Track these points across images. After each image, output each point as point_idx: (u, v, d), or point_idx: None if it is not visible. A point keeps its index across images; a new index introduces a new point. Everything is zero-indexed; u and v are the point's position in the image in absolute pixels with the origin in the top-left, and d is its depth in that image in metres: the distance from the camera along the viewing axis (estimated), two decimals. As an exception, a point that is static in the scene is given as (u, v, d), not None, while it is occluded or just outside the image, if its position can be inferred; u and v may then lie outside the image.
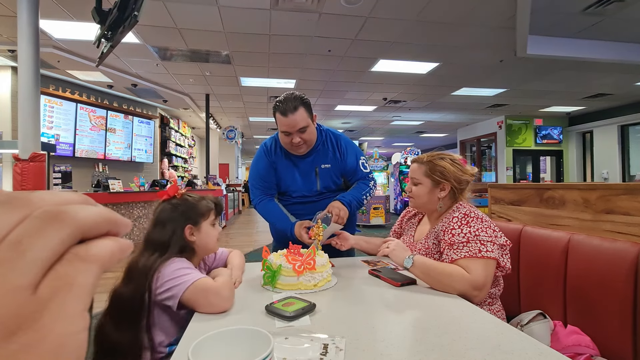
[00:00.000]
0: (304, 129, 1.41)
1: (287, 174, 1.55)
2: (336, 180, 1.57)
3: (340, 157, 1.55)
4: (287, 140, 1.45)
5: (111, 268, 0.18)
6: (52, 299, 0.15)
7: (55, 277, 0.15)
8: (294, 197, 1.57)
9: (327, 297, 1.00)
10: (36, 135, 2.52)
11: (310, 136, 1.46)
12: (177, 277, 0.92)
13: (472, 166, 1.29)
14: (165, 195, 1.07)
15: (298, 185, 1.54)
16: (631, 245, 0.99)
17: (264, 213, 1.56)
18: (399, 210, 9.98)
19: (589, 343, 1.00)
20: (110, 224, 0.18)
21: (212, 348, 0.51)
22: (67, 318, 0.15)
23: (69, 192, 0.19)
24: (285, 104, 1.38)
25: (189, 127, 10.60)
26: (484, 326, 0.79)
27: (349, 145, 1.59)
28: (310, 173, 1.54)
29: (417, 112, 8.41)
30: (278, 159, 1.55)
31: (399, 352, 0.68)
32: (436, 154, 1.30)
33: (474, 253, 1.04)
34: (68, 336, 0.15)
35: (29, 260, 0.14)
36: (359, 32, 4.02)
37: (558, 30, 3.96)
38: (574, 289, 1.13)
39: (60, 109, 5.80)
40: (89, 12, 2.25)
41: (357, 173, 1.57)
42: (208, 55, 4.77)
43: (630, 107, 7.61)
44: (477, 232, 1.07)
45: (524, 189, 1.58)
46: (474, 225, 1.09)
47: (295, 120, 1.38)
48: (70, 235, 0.16)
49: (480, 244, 1.05)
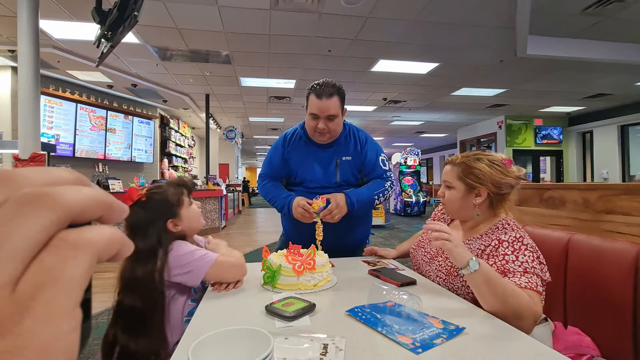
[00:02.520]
0: (332, 117, 1.40)
1: (305, 163, 1.52)
2: (356, 174, 1.55)
3: (361, 151, 1.53)
4: (313, 124, 1.43)
5: (105, 258, 0.15)
6: (35, 297, 0.13)
7: (39, 269, 0.13)
8: (311, 187, 1.52)
9: (327, 297, 1.00)
10: (36, 135, 2.53)
11: (336, 127, 1.45)
12: (195, 258, 1.00)
13: (518, 167, 1.09)
14: (129, 201, 1.01)
15: (317, 176, 1.52)
16: (631, 245, 0.99)
17: (265, 191, 1.56)
18: (399, 210, 9.98)
19: (590, 344, 1.00)
20: (105, 208, 0.16)
21: (212, 348, 0.51)
22: (53, 319, 0.13)
23: (60, 169, 0.16)
24: (322, 88, 1.38)
25: (189, 127, 10.60)
26: (484, 326, 0.79)
27: (370, 140, 1.58)
28: (330, 164, 1.51)
29: (417, 112, 8.41)
30: (295, 149, 1.54)
31: (399, 352, 0.68)
32: (472, 153, 1.12)
33: (533, 286, 0.90)
34: (55, 339, 0.13)
35: (5, 253, 0.12)
36: (359, 32, 4.02)
37: (558, 30, 3.96)
38: (574, 289, 1.13)
39: (60, 109, 5.80)
40: (89, 12, 2.25)
41: (375, 169, 1.54)
42: (208, 56, 4.77)
43: (630, 107, 7.61)
44: (534, 265, 0.95)
45: (524, 189, 1.58)
46: (528, 255, 0.96)
47: (327, 105, 1.37)
48: (55, 222, 0.14)
49: (537, 278, 0.93)
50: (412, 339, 0.71)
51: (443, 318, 0.82)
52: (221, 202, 6.88)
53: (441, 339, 0.72)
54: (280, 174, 1.58)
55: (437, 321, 0.80)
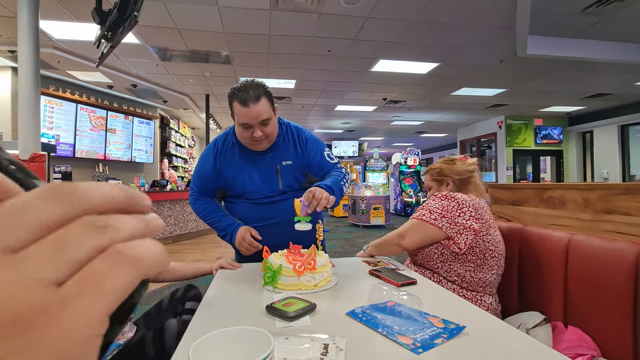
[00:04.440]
0: (266, 122, 1.26)
1: (242, 174, 1.38)
2: (299, 177, 1.43)
3: (302, 152, 1.41)
4: (246, 134, 1.28)
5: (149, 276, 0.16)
6: (77, 297, 0.13)
7: (89, 273, 0.14)
8: (252, 198, 1.39)
9: (328, 297, 1.00)
10: (36, 135, 2.53)
11: (273, 129, 1.31)
12: None
13: (473, 160, 1.44)
14: None
15: (257, 186, 1.38)
16: (631, 245, 0.99)
17: (201, 212, 1.41)
18: (399, 210, 9.98)
19: (591, 343, 1.00)
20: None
21: (212, 348, 0.51)
22: (88, 320, 0.13)
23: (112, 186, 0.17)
24: (245, 92, 1.22)
25: (189, 127, 10.60)
26: (484, 325, 0.79)
27: (310, 138, 1.45)
28: (270, 171, 1.38)
29: (417, 112, 8.41)
30: (228, 158, 1.39)
31: (400, 351, 0.68)
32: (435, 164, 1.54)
33: (417, 215, 1.30)
34: (85, 339, 0.13)
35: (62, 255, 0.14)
36: (359, 32, 4.03)
37: (558, 30, 3.96)
38: (574, 289, 1.13)
39: (60, 110, 5.80)
40: (89, 13, 2.25)
41: (323, 166, 1.43)
42: (208, 56, 4.77)
43: (630, 107, 7.61)
44: (434, 204, 1.27)
45: (524, 189, 1.58)
46: (438, 201, 1.28)
47: (257, 111, 1.23)
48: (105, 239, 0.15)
49: (426, 211, 1.27)
50: (413, 339, 0.71)
51: (441, 315, 0.82)
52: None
53: (442, 339, 0.72)
54: (210, 187, 1.42)
55: (438, 320, 0.80)
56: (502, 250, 1.27)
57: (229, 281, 1.16)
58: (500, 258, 1.26)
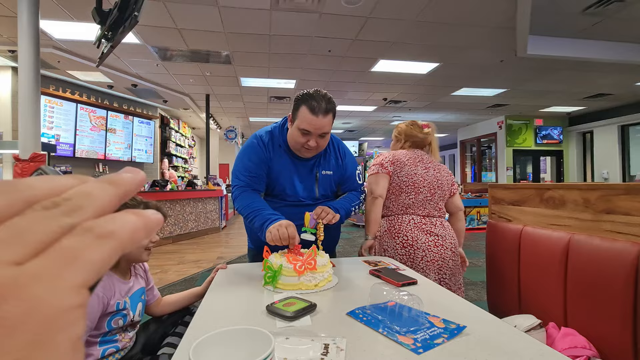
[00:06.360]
0: (324, 135, 1.30)
1: (285, 176, 1.40)
2: (334, 187, 1.49)
3: (342, 164, 1.48)
4: (302, 140, 1.30)
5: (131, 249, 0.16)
6: (48, 270, 0.13)
7: (57, 249, 0.14)
8: (289, 201, 1.43)
9: (328, 297, 1.00)
10: (36, 135, 2.52)
11: (325, 143, 1.35)
12: None
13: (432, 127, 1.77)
14: None
15: (296, 190, 1.41)
16: (631, 245, 0.99)
17: (245, 201, 1.33)
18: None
19: (585, 344, 1.00)
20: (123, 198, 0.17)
21: (212, 348, 0.51)
22: (62, 290, 0.13)
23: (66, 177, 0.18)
24: (317, 102, 1.24)
25: (189, 127, 10.61)
26: (485, 325, 0.79)
27: (348, 153, 1.53)
28: (309, 178, 1.42)
29: (417, 112, 8.41)
30: (276, 157, 1.40)
31: (400, 351, 0.68)
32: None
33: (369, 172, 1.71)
34: (63, 311, 0.13)
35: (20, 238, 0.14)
36: (359, 32, 4.02)
37: (558, 30, 3.96)
38: (574, 288, 1.13)
39: (60, 109, 5.80)
40: (89, 13, 2.25)
41: (353, 183, 1.50)
42: (208, 56, 4.77)
43: (630, 107, 7.61)
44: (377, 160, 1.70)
45: (524, 189, 1.58)
46: (379, 158, 1.69)
47: (323, 123, 1.26)
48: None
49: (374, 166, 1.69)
50: (413, 339, 0.71)
51: (441, 315, 0.82)
52: (221, 202, 6.89)
53: (442, 339, 0.72)
54: (261, 179, 1.38)
55: (438, 320, 0.80)
56: (417, 181, 1.62)
57: (229, 281, 1.16)
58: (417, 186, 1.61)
